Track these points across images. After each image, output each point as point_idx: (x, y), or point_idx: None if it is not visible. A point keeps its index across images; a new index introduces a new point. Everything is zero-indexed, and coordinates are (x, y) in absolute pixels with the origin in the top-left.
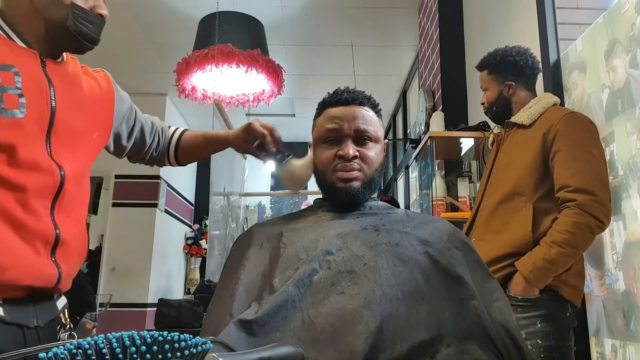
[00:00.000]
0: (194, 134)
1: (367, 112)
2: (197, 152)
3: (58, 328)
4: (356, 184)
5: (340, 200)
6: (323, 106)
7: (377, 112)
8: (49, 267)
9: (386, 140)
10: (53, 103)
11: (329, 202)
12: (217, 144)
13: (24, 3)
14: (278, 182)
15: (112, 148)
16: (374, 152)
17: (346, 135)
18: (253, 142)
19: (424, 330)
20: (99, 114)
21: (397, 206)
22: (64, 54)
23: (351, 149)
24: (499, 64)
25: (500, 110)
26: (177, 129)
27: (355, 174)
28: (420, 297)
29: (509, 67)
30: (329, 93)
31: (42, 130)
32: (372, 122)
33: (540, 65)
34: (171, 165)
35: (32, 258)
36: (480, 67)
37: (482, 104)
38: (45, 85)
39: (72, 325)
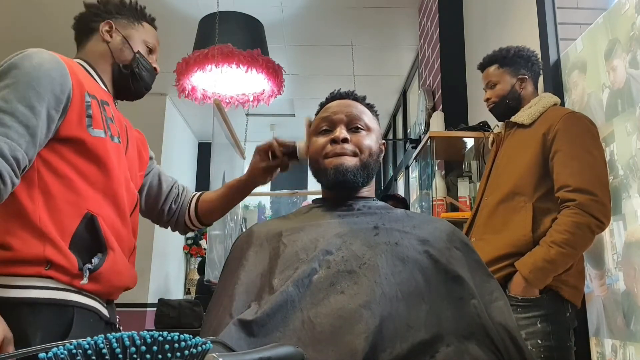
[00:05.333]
0: (215, 190)
1: (362, 106)
2: (219, 202)
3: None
4: (347, 161)
5: (331, 179)
6: (321, 106)
7: (373, 112)
8: (134, 271)
9: (383, 141)
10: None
11: (329, 199)
12: (236, 186)
13: (102, 48)
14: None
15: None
16: (369, 139)
17: (339, 121)
18: (267, 156)
19: (424, 330)
20: (142, 153)
21: (406, 205)
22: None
23: (343, 132)
24: (512, 58)
25: (513, 105)
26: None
27: (348, 153)
28: (420, 297)
29: (521, 60)
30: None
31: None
32: (365, 113)
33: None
34: (192, 226)
35: (127, 263)
36: (490, 61)
37: (488, 99)
38: (123, 121)
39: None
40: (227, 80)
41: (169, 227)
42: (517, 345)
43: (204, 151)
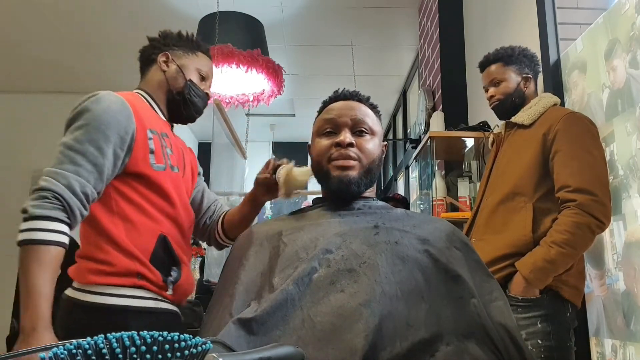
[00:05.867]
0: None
1: (366, 108)
2: (237, 216)
3: None
4: (352, 173)
5: (334, 188)
6: (324, 105)
7: (376, 113)
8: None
9: (385, 142)
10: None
11: (329, 199)
12: (249, 201)
13: (159, 77)
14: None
15: None
16: (372, 144)
17: (343, 124)
18: (267, 167)
19: (424, 329)
20: (194, 172)
21: (407, 204)
22: None
23: (348, 136)
24: (517, 56)
25: (518, 102)
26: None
27: (352, 162)
28: (420, 296)
29: (527, 60)
30: (329, 96)
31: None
32: (369, 115)
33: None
34: (222, 241)
35: (191, 273)
36: (494, 59)
37: (491, 97)
38: (179, 146)
39: None
40: (227, 80)
41: (206, 242)
42: (516, 344)
43: (204, 151)
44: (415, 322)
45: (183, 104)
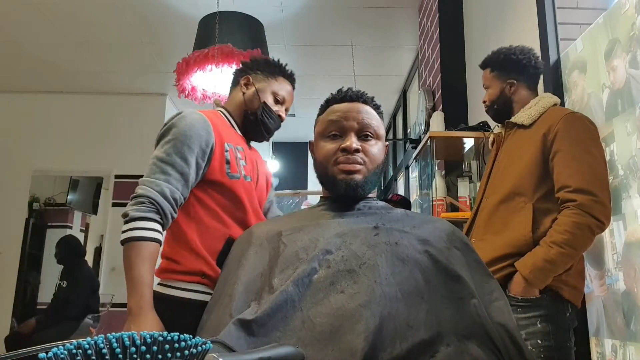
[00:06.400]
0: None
1: (371, 111)
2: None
3: None
4: (358, 176)
5: (340, 192)
6: (327, 104)
7: (379, 113)
8: None
9: (387, 143)
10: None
11: (329, 199)
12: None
13: (239, 98)
14: None
15: None
16: (377, 148)
17: (349, 128)
18: None
19: (424, 330)
20: (268, 183)
21: (408, 204)
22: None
23: (354, 142)
24: (502, 62)
25: (501, 109)
26: None
27: (358, 167)
28: (420, 296)
29: (511, 65)
30: (332, 93)
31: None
32: (375, 118)
33: (542, 66)
34: None
35: None
36: (484, 65)
37: (484, 102)
38: (254, 159)
39: None
40: (227, 80)
41: None
42: (516, 345)
43: None
44: (416, 323)
45: (255, 124)
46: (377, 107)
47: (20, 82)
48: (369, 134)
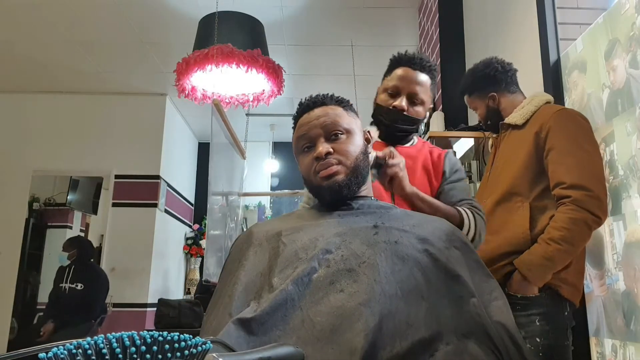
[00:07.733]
0: None
1: (332, 110)
2: None
3: None
4: (339, 177)
5: (327, 197)
6: (295, 122)
7: (345, 107)
8: None
9: (367, 129)
10: None
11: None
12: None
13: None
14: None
15: None
16: (350, 142)
17: (316, 136)
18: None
19: (424, 328)
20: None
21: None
22: (415, 138)
23: (323, 147)
24: (473, 84)
25: (494, 121)
26: None
27: (335, 168)
28: (420, 295)
29: (482, 81)
30: (296, 109)
31: None
32: (339, 114)
33: (513, 65)
34: None
35: None
36: (460, 94)
37: (479, 122)
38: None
39: None
40: (227, 80)
41: None
42: (516, 344)
43: (204, 151)
44: (415, 322)
45: (377, 126)
46: (340, 102)
47: (21, 82)
48: (337, 131)
